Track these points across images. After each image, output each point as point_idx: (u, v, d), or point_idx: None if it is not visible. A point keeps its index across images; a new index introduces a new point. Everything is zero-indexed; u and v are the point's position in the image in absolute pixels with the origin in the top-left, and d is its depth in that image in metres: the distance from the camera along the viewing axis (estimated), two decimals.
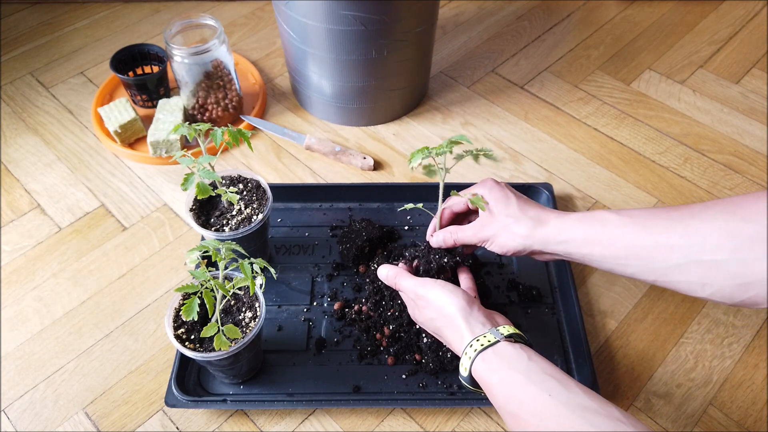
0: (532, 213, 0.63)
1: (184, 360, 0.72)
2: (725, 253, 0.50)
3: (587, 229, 0.60)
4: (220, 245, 0.63)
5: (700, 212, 0.53)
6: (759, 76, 1.13)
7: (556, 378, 0.52)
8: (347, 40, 0.89)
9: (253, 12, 1.27)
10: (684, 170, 0.98)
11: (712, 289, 0.51)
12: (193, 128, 0.69)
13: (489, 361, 0.55)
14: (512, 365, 0.54)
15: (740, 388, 0.74)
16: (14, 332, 0.78)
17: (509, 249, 0.64)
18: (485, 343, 0.56)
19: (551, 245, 0.62)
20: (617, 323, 0.80)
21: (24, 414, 0.72)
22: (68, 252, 0.87)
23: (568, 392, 0.50)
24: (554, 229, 0.61)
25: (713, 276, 0.51)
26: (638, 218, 0.57)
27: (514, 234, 0.63)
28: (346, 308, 0.78)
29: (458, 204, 0.70)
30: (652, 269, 0.55)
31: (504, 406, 0.54)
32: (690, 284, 0.53)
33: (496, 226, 0.64)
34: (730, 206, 0.51)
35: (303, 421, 0.71)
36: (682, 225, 0.53)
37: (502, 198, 0.65)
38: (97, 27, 1.23)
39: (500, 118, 1.06)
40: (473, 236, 0.66)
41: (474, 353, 0.56)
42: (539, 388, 0.51)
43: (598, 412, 0.49)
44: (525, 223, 0.63)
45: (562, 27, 1.23)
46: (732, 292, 0.50)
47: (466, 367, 0.57)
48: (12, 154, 0.99)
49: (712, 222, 0.51)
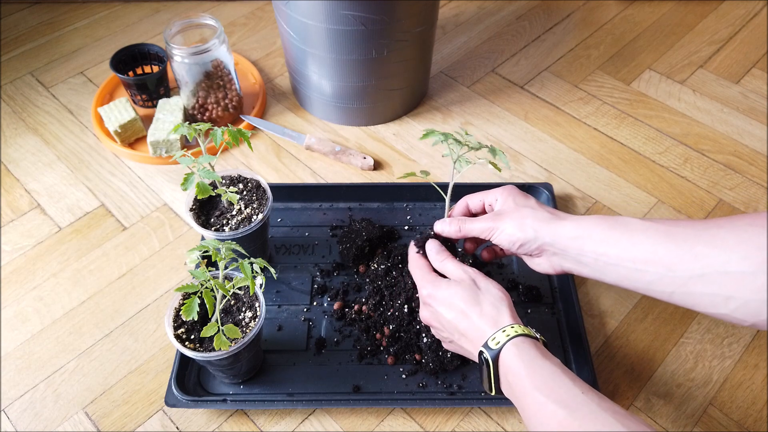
0: (550, 210, 0.64)
1: (184, 360, 0.72)
2: (753, 265, 0.48)
3: (607, 229, 0.58)
4: (220, 245, 0.63)
5: (727, 224, 0.51)
6: (759, 76, 1.13)
7: (586, 386, 0.53)
8: (347, 40, 0.89)
9: (253, 12, 1.27)
10: (684, 170, 0.98)
11: (736, 303, 0.49)
12: (193, 128, 0.69)
13: (525, 348, 0.55)
14: (548, 358, 0.55)
15: (740, 388, 0.74)
16: (14, 332, 0.78)
17: (517, 239, 0.63)
18: (527, 332, 0.57)
19: (564, 241, 0.60)
20: (617, 323, 0.80)
21: (24, 414, 0.72)
22: (68, 252, 0.87)
23: (599, 397, 0.51)
24: (570, 224, 0.60)
25: (739, 289, 0.49)
26: (662, 224, 0.55)
27: (525, 224, 0.62)
28: (346, 308, 0.78)
29: (475, 202, 0.70)
30: (672, 278, 0.53)
31: (530, 391, 0.52)
32: (713, 297, 0.51)
33: (511, 215, 0.64)
34: (757, 219, 0.50)
35: (303, 421, 0.71)
36: (708, 234, 0.51)
37: (522, 196, 0.66)
38: (97, 27, 1.23)
39: (500, 117, 1.06)
40: (483, 224, 0.65)
41: (514, 333, 0.56)
42: (574, 384, 0.52)
43: (629, 417, 0.49)
44: (541, 215, 0.62)
45: (562, 27, 1.23)
46: (757, 308, 0.48)
47: (499, 341, 0.56)
48: (12, 154, 0.99)
49: (740, 233, 0.49)
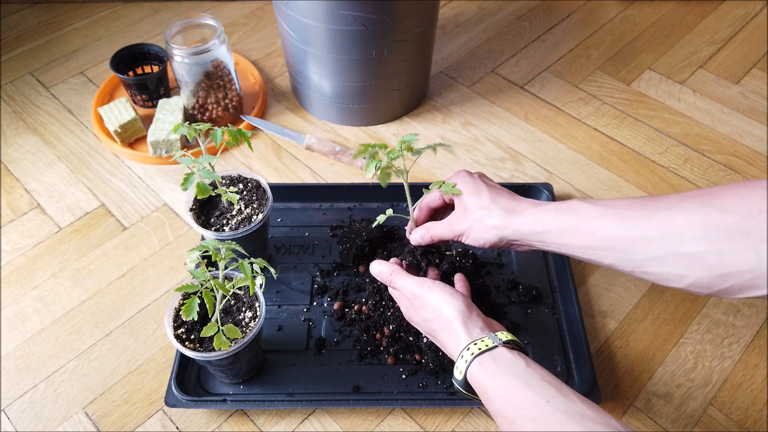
0: (504, 203, 0.62)
1: (184, 360, 0.72)
2: (703, 245, 0.49)
3: (562, 219, 0.58)
4: (220, 245, 0.63)
5: (677, 203, 0.52)
6: (759, 77, 1.13)
7: (554, 386, 0.52)
8: (347, 40, 0.89)
9: (253, 12, 1.27)
10: (684, 170, 0.98)
11: (690, 279, 0.51)
12: (193, 128, 0.69)
13: (486, 365, 0.55)
14: (510, 370, 0.53)
15: (740, 389, 0.74)
16: (14, 332, 0.78)
17: (484, 241, 0.63)
18: (483, 347, 0.56)
19: (527, 236, 0.61)
20: (617, 323, 0.80)
21: (24, 414, 0.72)
22: (68, 252, 0.87)
23: (566, 400, 0.50)
24: (528, 219, 0.60)
25: (691, 268, 0.50)
26: (614, 208, 0.56)
27: (486, 226, 0.62)
28: (346, 308, 0.78)
29: (433, 199, 0.69)
30: (629, 261, 0.55)
31: (499, 411, 0.53)
32: (668, 275, 0.53)
33: (470, 219, 0.63)
34: (707, 197, 0.51)
35: (303, 421, 0.71)
36: (659, 216, 0.52)
37: (474, 190, 0.64)
38: (97, 27, 1.23)
39: (500, 118, 1.06)
40: (448, 230, 0.65)
41: (471, 356, 0.56)
42: (537, 394, 0.51)
43: (596, 420, 0.48)
44: (497, 214, 0.62)
45: (563, 27, 1.23)
46: (710, 282, 0.50)
47: (461, 370, 0.56)
48: (12, 154, 0.99)
49: (689, 213, 0.51)
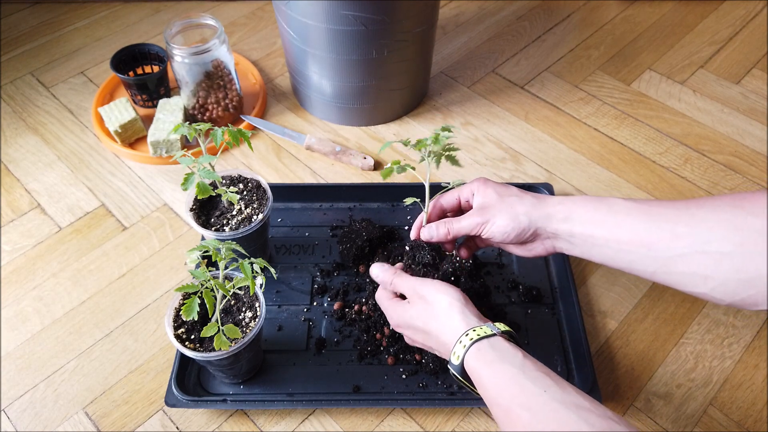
0: (531, 193, 0.64)
1: (184, 360, 0.72)
2: (731, 246, 0.49)
3: (593, 210, 0.59)
4: (220, 245, 0.62)
5: (707, 204, 0.53)
6: (759, 77, 1.13)
7: (550, 377, 0.52)
8: (347, 40, 0.89)
9: (254, 12, 1.27)
10: (684, 170, 0.98)
11: (714, 282, 0.51)
12: (193, 128, 0.69)
13: (484, 352, 0.55)
14: (507, 359, 0.54)
15: (740, 389, 0.74)
16: (14, 332, 0.78)
17: (510, 228, 0.62)
18: (481, 334, 0.56)
19: (554, 222, 0.61)
20: (617, 323, 0.80)
21: (24, 414, 0.72)
22: (68, 252, 0.87)
23: (562, 391, 0.50)
24: (558, 206, 0.61)
25: (717, 268, 0.50)
26: (644, 205, 0.56)
27: (516, 212, 0.62)
28: (346, 308, 0.78)
29: (450, 200, 0.69)
30: (654, 257, 0.54)
31: (495, 399, 0.53)
32: (692, 276, 0.52)
33: (498, 206, 0.63)
34: (737, 200, 0.51)
35: (303, 421, 0.71)
36: (688, 214, 0.53)
37: (500, 184, 0.65)
38: (97, 27, 1.23)
39: (500, 118, 1.06)
40: (471, 221, 0.64)
41: (469, 342, 0.55)
42: (534, 384, 0.51)
43: (592, 410, 0.48)
44: (528, 200, 0.62)
45: (563, 27, 1.23)
46: (735, 288, 0.50)
47: (459, 355, 0.56)
48: (12, 154, 0.99)
49: (718, 214, 0.51)
